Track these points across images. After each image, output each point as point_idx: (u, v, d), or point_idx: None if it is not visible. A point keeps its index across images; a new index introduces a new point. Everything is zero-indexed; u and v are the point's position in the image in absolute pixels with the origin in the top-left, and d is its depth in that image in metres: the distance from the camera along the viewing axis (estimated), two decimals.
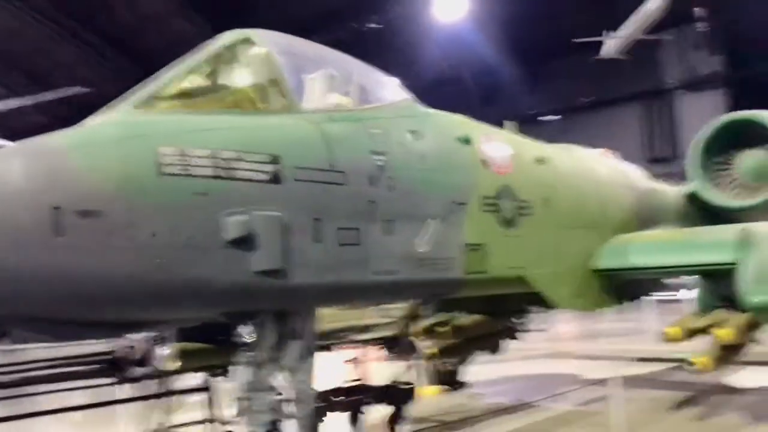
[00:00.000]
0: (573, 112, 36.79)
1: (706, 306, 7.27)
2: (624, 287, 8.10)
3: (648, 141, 35.12)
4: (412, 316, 8.61)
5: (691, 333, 7.04)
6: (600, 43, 31.33)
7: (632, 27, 29.39)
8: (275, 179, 4.25)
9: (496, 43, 35.78)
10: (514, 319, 9.80)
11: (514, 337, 10.38)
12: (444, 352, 8.96)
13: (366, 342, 8.74)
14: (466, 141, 6.16)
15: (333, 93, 5.55)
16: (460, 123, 6.41)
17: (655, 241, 7.89)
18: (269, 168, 4.23)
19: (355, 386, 7.80)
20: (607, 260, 7.69)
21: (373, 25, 32.21)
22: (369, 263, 4.85)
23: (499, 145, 6.67)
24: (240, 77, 4.94)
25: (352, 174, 4.82)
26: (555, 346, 17.31)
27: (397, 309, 8.49)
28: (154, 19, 34.67)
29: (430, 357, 8.68)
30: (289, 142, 4.49)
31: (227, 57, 4.90)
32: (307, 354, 5.76)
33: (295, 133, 4.62)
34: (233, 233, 3.93)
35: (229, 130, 4.29)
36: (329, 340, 8.01)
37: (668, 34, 31.83)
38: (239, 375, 5.33)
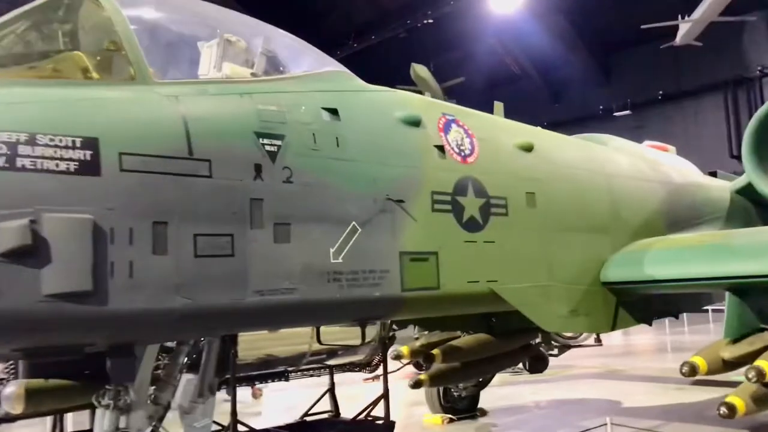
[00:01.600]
0: (647, 107, 34.23)
1: (739, 329, 5.67)
2: (644, 303, 6.56)
3: (731, 135, 32.18)
4: (389, 337, 7.35)
5: (724, 364, 5.49)
6: (674, 29, 28.82)
7: (709, 9, 26.82)
8: (88, 169, 3.21)
9: (560, 35, 33.87)
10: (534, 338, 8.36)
11: (539, 358, 8.92)
12: (437, 379, 7.65)
13: (335, 368, 7.51)
14: (414, 122, 4.91)
15: (228, 62, 4.45)
16: (407, 101, 5.15)
17: (680, 246, 6.33)
18: (79, 154, 3.19)
19: (321, 421, 6.63)
20: (618, 271, 6.20)
21: (428, 21, 30.94)
22: (249, 280, 3.75)
23: (466, 129, 5.36)
24: (68, 39, 3.89)
25: (224, 163, 3.73)
26: (608, 363, 15.53)
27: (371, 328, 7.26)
28: None
29: (417, 385, 7.38)
30: (116, 122, 3.43)
31: (53, 13, 3.89)
32: (206, 391, 4.59)
33: (132, 110, 3.55)
34: (7, 243, 2.90)
35: (25, 105, 3.26)
36: (288, 368, 6.86)
37: (751, 15, 28.96)
38: (98, 421, 4.29)
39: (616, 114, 33.95)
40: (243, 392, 9.79)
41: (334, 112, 4.42)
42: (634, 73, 34.52)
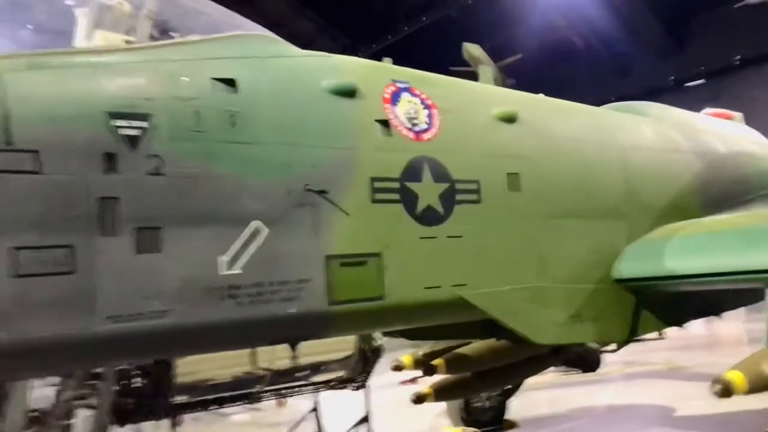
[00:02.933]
0: (724, 74, 31.62)
1: None
2: (671, 302, 5.38)
3: None
4: (373, 349, 6.40)
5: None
6: None
7: None
8: None
9: (626, 4, 31.70)
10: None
11: (588, 356, 7.77)
12: (443, 392, 6.68)
13: (313, 387, 6.60)
14: (346, 92, 3.99)
15: (104, 30, 3.67)
16: (340, 66, 4.21)
17: (714, 231, 5.10)
18: None
19: None
20: (635, 264, 5.05)
21: None
22: (99, 303, 2.99)
23: (423, 98, 4.37)
24: None
25: (59, 154, 2.95)
26: (672, 358, 14.02)
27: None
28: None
29: (420, 400, 6.44)
30: None
31: None
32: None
33: None
34: None
35: None
36: (255, 390, 6.03)
37: None
38: None
39: (688, 84, 31.56)
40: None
41: (229, 83, 3.55)
42: (708, 39, 31.96)
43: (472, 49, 29.63)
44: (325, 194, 3.72)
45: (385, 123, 4.10)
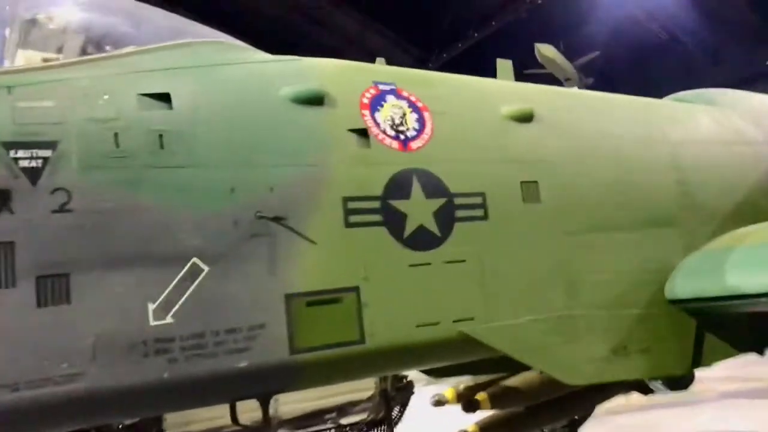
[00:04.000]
0: None
1: None
2: (747, 325, 4.42)
3: None
4: (399, 387, 5.70)
5: None
6: None
7: None
8: None
9: None
10: None
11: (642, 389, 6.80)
12: (491, 430, 5.90)
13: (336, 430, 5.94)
14: (312, 100, 3.39)
15: (29, 49, 3.26)
16: (306, 70, 3.61)
17: None
18: None
19: None
20: (694, 281, 4.16)
21: None
22: None
23: (413, 101, 3.71)
24: None
25: None
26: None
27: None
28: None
29: None
30: None
31: None
32: None
33: None
34: None
35: None
36: None
37: None
38: None
39: None
40: None
41: (162, 98, 3.02)
42: None
43: (545, 50, 28.28)
44: (283, 221, 3.12)
45: (362, 132, 3.47)
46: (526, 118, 4.04)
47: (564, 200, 3.97)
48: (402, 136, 3.57)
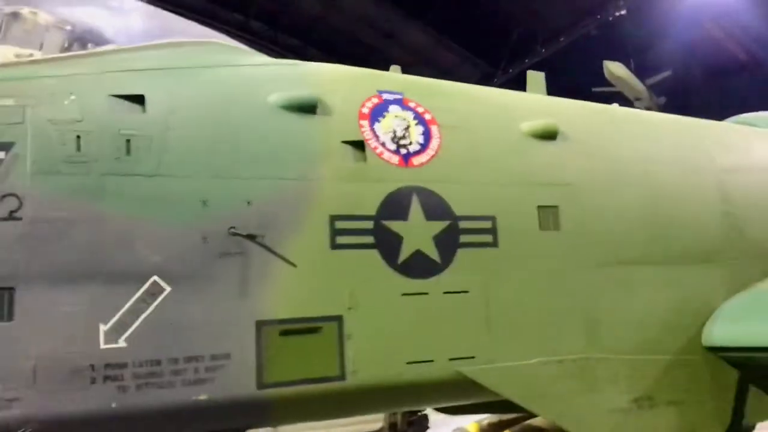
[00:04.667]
0: None
1: None
2: None
3: None
4: (411, 421, 5.30)
5: None
6: None
7: None
8: None
9: None
10: None
11: None
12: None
13: None
14: (303, 107, 3.11)
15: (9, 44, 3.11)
16: (300, 76, 3.33)
17: None
18: None
19: None
20: (736, 327, 3.64)
21: (620, 13, 27.44)
22: None
23: (420, 112, 3.37)
24: None
25: None
26: None
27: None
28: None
29: None
30: None
31: None
32: None
33: None
34: None
35: None
36: None
37: None
38: None
39: None
40: None
41: (136, 99, 2.78)
42: None
43: (614, 68, 27.14)
44: (259, 239, 2.83)
45: (358, 145, 3.15)
46: (549, 135, 3.64)
47: (588, 228, 3.54)
48: (403, 150, 3.23)
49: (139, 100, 2.80)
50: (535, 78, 4.24)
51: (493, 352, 3.18)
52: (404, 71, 3.57)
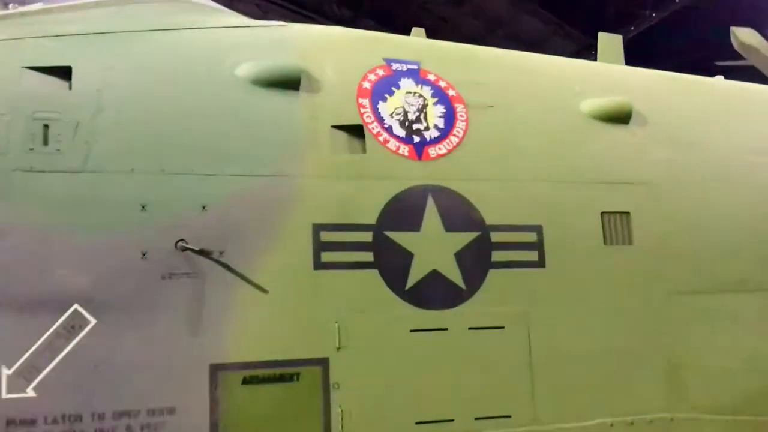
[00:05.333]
0: None
1: None
2: None
3: None
4: None
5: None
6: None
7: None
8: None
9: None
10: None
11: None
12: None
13: None
14: (281, 81, 2.41)
15: None
16: (291, 40, 2.61)
17: None
18: None
19: None
20: None
21: None
22: None
23: (442, 88, 2.57)
24: None
25: None
26: None
27: None
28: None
29: None
30: None
31: None
32: None
33: None
34: None
35: None
36: None
37: None
38: None
39: None
40: None
41: (61, 73, 2.16)
42: None
43: (745, 36, 24.94)
44: (216, 256, 2.16)
45: (355, 131, 2.41)
46: (620, 116, 2.76)
47: (670, 243, 2.65)
48: (417, 138, 2.46)
49: (64, 73, 2.18)
50: (609, 42, 3.30)
51: (537, 410, 2.39)
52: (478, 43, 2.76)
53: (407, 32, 3.19)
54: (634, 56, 3.33)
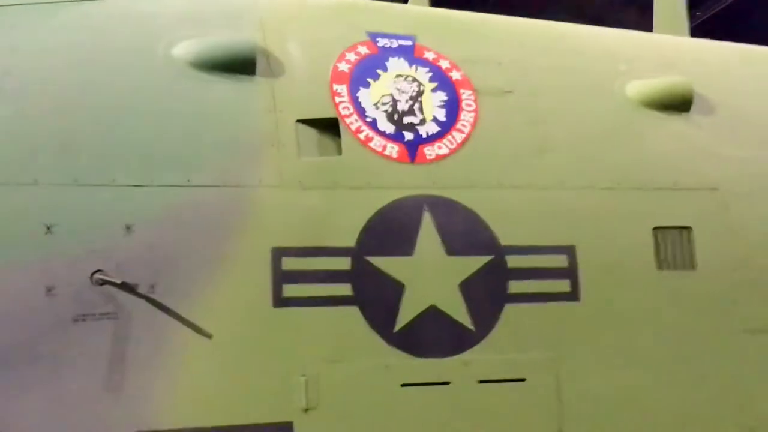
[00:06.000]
0: None
1: None
2: None
3: None
4: None
5: None
6: None
7: None
8: None
9: None
10: None
11: None
12: None
13: None
14: (232, 63, 1.90)
15: None
16: (250, 10, 2.06)
17: None
18: None
19: None
20: None
21: None
22: None
23: (443, 70, 2.03)
24: None
25: None
26: None
27: None
28: None
29: None
30: None
31: None
32: None
33: None
34: None
35: None
36: None
37: None
38: None
39: None
40: None
41: None
42: None
43: None
44: (143, 291, 1.66)
45: (327, 126, 1.88)
46: (677, 103, 2.17)
47: (748, 265, 2.04)
48: (409, 135, 1.92)
49: None
50: (668, 5, 2.66)
51: None
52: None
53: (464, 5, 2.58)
54: (729, 31, 2.72)
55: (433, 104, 1.97)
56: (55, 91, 1.76)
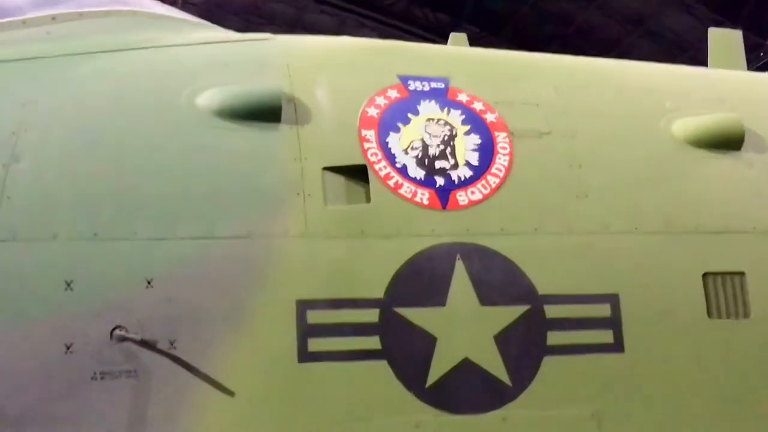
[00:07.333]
0: None
1: None
2: None
3: None
4: None
5: None
6: None
7: None
8: None
9: None
10: None
11: None
12: None
13: None
14: (261, 112, 1.85)
15: None
16: (273, 56, 2.06)
17: None
18: None
19: None
20: None
21: None
22: None
23: (477, 113, 1.94)
24: None
25: None
26: None
27: None
28: None
29: None
30: None
31: None
32: None
33: None
34: None
35: None
36: None
37: None
38: None
39: None
40: None
41: None
42: None
43: None
44: (164, 348, 1.61)
45: (356, 173, 1.81)
46: (727, 141, 2.05)
47: None
48: (441, 180, 1.84)
49: None
50: (723, 39, 2.54)
51: None
52: (613, 47, 2.11)
53: (520, 41, 2.50)
54: None
55: (466, 148, 1.88)
56: (74, 145, 1.73)
